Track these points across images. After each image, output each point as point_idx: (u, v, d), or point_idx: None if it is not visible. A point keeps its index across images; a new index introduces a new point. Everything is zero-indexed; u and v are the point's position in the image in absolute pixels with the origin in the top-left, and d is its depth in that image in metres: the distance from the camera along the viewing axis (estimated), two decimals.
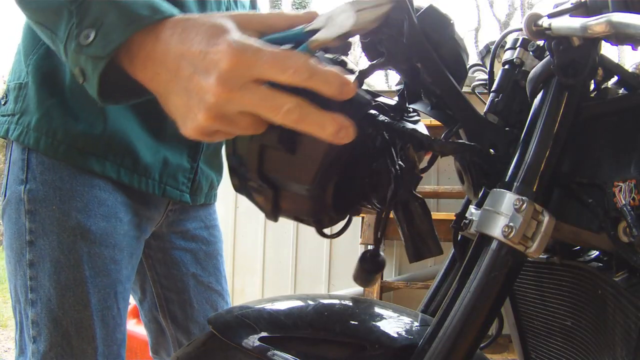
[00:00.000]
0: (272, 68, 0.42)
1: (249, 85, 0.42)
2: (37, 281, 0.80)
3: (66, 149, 0.79)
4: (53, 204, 0.79)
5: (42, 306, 0.79)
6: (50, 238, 0.79)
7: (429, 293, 0.76)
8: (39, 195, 0.79)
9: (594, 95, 0.57)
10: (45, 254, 0.79)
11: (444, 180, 3.20)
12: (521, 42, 0.64)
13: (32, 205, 0.79)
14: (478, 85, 0.81)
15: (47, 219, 0.79)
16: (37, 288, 0.80)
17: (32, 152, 0.80)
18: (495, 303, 0.51)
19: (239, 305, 0.74)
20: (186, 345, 0.71)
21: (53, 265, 0.79)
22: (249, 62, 0.42)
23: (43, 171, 0.79)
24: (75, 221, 0.79)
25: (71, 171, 0.80)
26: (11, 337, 3.63)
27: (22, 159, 0.81)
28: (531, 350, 0.74)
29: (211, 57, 0.42)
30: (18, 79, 0.82)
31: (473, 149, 0.57)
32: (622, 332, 0.55)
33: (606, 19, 0.45)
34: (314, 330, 0.63)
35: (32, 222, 0.79)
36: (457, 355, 0.50)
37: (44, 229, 0.79)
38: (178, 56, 0.44)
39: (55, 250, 0.79)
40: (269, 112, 0.43)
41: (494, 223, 0.51)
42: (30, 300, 0.80)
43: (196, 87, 0.43)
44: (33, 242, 0.80)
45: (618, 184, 0.49)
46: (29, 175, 0.80)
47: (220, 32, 0.44)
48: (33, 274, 0.80)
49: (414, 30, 0.54)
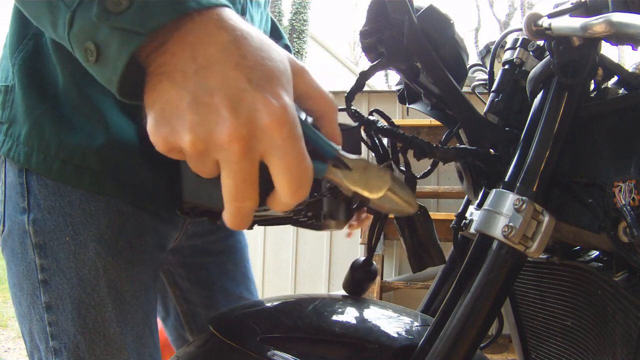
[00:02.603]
0: (286, 170, 0.37)
1: (253, 156, 0.36)
2: (58, 327, 0.68)
3: (61, 165, 0.65)
4: (66, 235, 0.66)
5: (69, 355, 0.68)
6: (68, 275, 0.67)
7: (429, 293, 0.76)
8: (48, 226, 0.66)
9: (594, 95, 0.57)
10: (64, 295, 0.67)
11: (444, 180, 3.20)
12: (521, 42, 0.64)
13: (40, 238, 0.67)
14: (478, 85, 0.81)
15: (62, 253, 0.66)
16: (59, 335, 0.68)
17: (30, 173, 0.67)
18: (495, 303, 0.51)
19: (238, 305, 0.74)
20: (186, 345, 0.71)
21: (75, 307, 0.67)
22: (280, 141, 0.36)
23: (47, 196, 0.67)
24: (94, 252, 0.66)
25: (80, 193, 0.67)
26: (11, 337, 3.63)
27: (20, 183, 0.68)
28: (531, 350, 0.74)
29: (258, 101, 0.36)
30: (5, 81, 0.69)
31: (475, 153, 0.57)
32: (622, 332, 0.55)
33: (606, 19, 0.45)
34: (314, 330, 0.63)
35: (43, 257, 0.67)
36: (457, 355, 0.50)
37: (59, 266, 0.67)
38: (222, 60, 0.37)
39: (75, 289, 0.66)
40: (231, 188, 0.37)
41: (494, 223, 0.51)
42: (53, 348, 0.68)
43: (212, 109, 0.36)
44: (47, 281, 0.67)
45: (618, 184, 0.49)
46: (32, 201, 0.67)
47: (282, 81, 0.38)
48: (52, 318, 0.68)
49: (414, 30, 0.54)
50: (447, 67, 0.57)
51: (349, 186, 0.42)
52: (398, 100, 0.74)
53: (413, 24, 0.54)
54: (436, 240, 0.61)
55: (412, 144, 0.57)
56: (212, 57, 0.37)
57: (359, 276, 0.71)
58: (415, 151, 0.58)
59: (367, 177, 0.42)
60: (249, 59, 0.37)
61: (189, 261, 0.89)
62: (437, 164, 0.62)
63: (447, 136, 0.66)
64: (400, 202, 0.42)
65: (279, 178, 0.37)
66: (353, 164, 0.42)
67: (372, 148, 0.66)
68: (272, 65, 0.38)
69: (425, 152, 0.56)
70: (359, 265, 0.71)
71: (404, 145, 0.59)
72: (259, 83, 0.36)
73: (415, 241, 0.61)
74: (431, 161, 0.63)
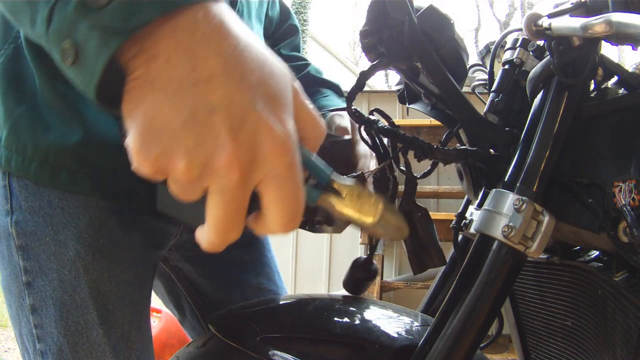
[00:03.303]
0: (283, 201, 0.33)
1: (249, 185, 0.33)
2: (43, 329, 0.67)
3: (38, 167, 0.64)
4: (46, 236, 0.66)
5: (54, 358, 0.67)
6: (50, 277, 0.66)
7: (429, 293, 0.76)
8: (29, 227, 0.66)
9: (594, 95, 0.57)
10: (47, 297, 0.66)
11: (444, 180, 3.20)
12: (521, 42, 0.64)
13: (22, 240, 0.66)
14: (478, 85, 0.81)
15: (43, 255, 0.66)
16: (44, 337, 0.68)
17: (12, 176, 0.67)
18: (495, 303, 0.51)
19: (239, 305, 0.74)
20: (186, 346, 0.71)
21: (58, 309, 0.66)
22: (281, 170, 0.33)
23: (28, 197, 0.66)
24: (74, 252, 0.65)
25: (58, 192, 0.66)
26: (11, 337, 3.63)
27: (3, 186, 0.67)
28: (531, 350, 0.74)
29: (261, 125, 0.32)
30: None
31: (475, 154, 0.57)
32: (622, 332, 0.55)
33: (606, 19, 0.45)
34: (313, 330, 0.63)
35: (25, 260, 0.67)
36: (457, 355, 0.50)
37: (41, 267, 0.66)
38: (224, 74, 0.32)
39: (57, 290, 0.66)
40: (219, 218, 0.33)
41: (494, 223, 0.51)
42: (40, 351, 0.68)
43: (212, 130, 0.31)
44: (31, 283, 0.67)
45: (618, 184, 0.49)
46: (14, 203, 0.67)
47: (285, 103, 0.34)
48: (37, 321, 0.67)
49: (414, 30, 0.54)
50: (447, 67, 0.57)
51: (341, 212, 0.41)
52: (398, 100, 0.74)
53: (413, 24, 0.54)
54: (437, 241, 0.61)
55: (413, 144, 0.57)
56: (213, 69, 0.31)
57: (359, 275, 0.71)
58: (416, 152, 0.58)
59: (361, 203, 0.41)
60: (253, 75, 0.33)
61: (194, 255, 0.86)
62: (437, 164, 0.62)
63: (447, 136, 0.66)
64: (392, 228, 0.42)
65: (273, 207, 0.34)
66: (346, 190, 0.40)
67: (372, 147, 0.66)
68: (276, 83, 0.34)
69: (425, 153, 0.56)
70: (360, 264, 0.71)
71: (404, 145, 0.59)
72: (263, 104, 0.32)
73: (416, 242, 0.61)
74: (431, 161, 0.63)
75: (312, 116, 0.37)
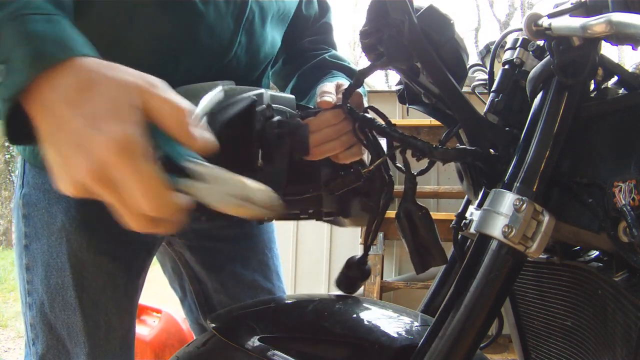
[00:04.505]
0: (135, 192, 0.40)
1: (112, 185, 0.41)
2: (32, 285, 0.80)
3: (42, 156, 0.76)
4: (43, 207, 0.78)
5: (37, 310, 0.79)
6: (41, 242, 0.78)
7: (429, 293, 0.76)
8: (32, 199, 0.79)
9: (594, 95, 0.57)
10: (37, 258, 0.79)
11: (444, 180, 3.20)
12: (521, 42, 0.64)
13: (26, 209, 0.80)
14: (478, 85, 0.81)
15: (39, 223, 0.78)
16: (32, 292, 0.80)
17: (26, 161, 0.81)
18: (495, 303, 0.51)
19: (239, 305, 0.74)
20: (186, 345, 0.71)
21: (44, 269, 0.78)
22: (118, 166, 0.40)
23: (34, 176, 0.80)
24: (61, 223, 0.77)
25: None
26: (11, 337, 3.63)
27: (21, 165, 0.82)
28: (531, 350, 0.74)
29: (92, 141, 0.40)
30: None
31: (475, 154, 0.57)
32: (622, 332, 0.55)
33: (606, 19, 0.45)
34: (314, 330, 0.63)
35: (26, 226, 0.80)
36: (457, 355, 0.50)
37: (36, 233, 0.79)
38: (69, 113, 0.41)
39: (45, 253, 0.78)
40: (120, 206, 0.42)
41: (494, 223, 0.51)
42: (28, 304, 0.80)
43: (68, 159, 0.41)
44: (28, 246, 0.80)
45: (618, 184, 0.49)
46: (25, 180, 0.81)
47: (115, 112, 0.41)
48: (29, 277, 0.80)
49: (414, 30, 0.54)
50: (447, 67, 0.57)
51: (201, 198, 0.41)
52: (398, 100, 0.74)
53: (413, 24, 0.54)
54: (438, 240, 0.61)
55: (412, 145, 0.57)
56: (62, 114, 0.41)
57: (352, 274, 0.71)
58: (415, 152, 0.58)
59: (222, 187, 0.41)
60: (87, 100, 0.41)
61: (195, 244, 0.93)
62: (434, 163, 0.62)
63: (446, 136, 0.66)
64: (259, 208, 0.41)
65: (138, 200, 0.40)
66: (207, 171, 0.41)
67: (367, 146, 0.65)
68: (102, 99, 0.41)
69: (424, 153, 0.56)
70: (353, 263, 0.71)
71: (402, 144, 0.59)
72: (91, 122, 0.40)
73: (418, 242, 0.61)
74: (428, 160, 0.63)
75: (170, 104, 0.42)
